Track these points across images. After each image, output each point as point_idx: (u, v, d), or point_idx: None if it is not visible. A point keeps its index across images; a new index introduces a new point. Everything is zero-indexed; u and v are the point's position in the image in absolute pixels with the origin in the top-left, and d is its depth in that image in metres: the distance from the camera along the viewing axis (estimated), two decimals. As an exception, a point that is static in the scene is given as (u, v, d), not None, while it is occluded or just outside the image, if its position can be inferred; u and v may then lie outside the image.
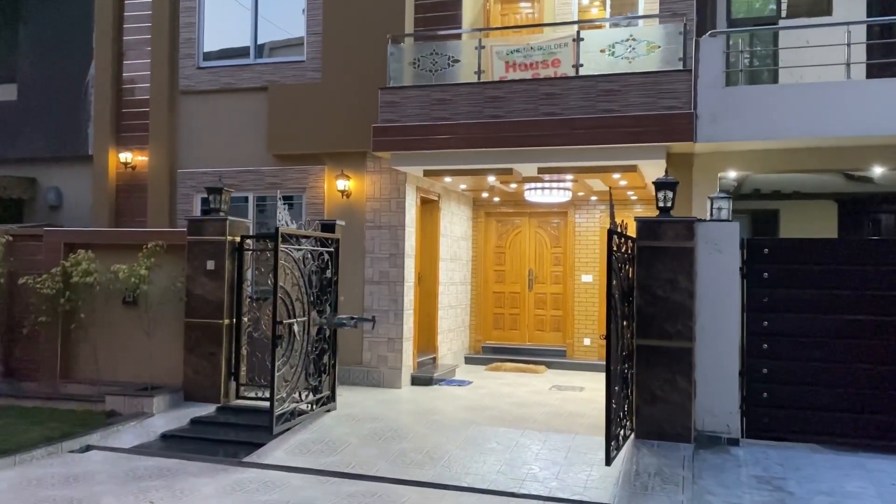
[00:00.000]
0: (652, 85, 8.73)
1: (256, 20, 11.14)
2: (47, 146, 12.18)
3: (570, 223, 12.79)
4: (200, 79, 11.25)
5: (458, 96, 9.45)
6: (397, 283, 10.22)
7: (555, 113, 9.03)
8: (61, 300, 8.80)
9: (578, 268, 12.72)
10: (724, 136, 8.60)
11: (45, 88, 12.19)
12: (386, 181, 10.34)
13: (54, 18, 12.20)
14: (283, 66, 10.83)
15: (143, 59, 11.56)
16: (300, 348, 7.90)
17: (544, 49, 9.59)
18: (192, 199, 11.14)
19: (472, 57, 9.70)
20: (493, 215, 13.32)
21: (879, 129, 8.14)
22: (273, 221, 10.03)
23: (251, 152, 10.89)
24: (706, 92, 8.60)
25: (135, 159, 11.45)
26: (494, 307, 13.23)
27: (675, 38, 8.93)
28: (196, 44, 11.32)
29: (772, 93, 8.67)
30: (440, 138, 9.40)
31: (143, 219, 11.31)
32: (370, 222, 10.36)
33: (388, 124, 9.68)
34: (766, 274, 7.12)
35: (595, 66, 9.18)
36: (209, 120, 11.20)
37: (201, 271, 8.59)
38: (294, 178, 10.65)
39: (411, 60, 9.96)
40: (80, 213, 11.96)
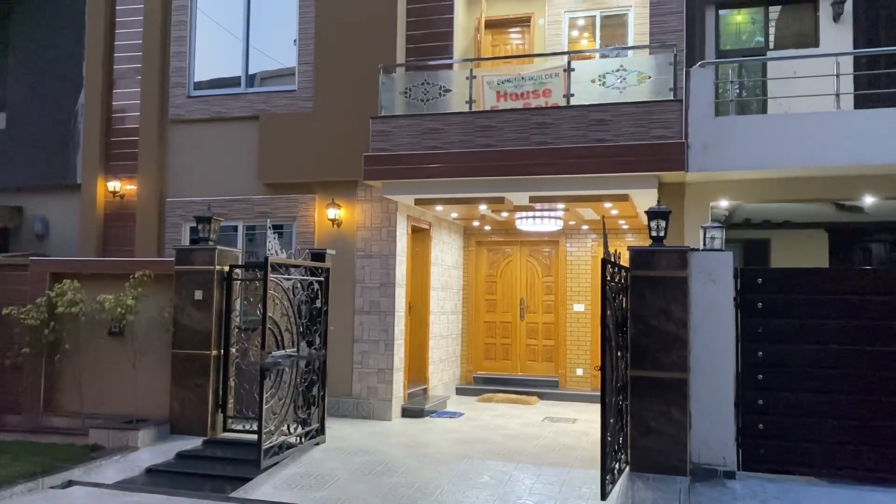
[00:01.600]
0: (643, 114, 8.75)
1: (248, 50, 11.14)
2: (35, 175, 12.07)
3: (561, 252, 12.76)
4: (191, 108, 11.22)
5: (450, 125, 9.45)
6: (388, 312, 10.12)
7: (546, 142, 9.04)
8: (46, 331, 8.64)
9: (570, 297, 12.65)
10: (715, 165, 8.61)
11: (35, 117, 12.13)
12: (377, 210, 10.29)
13: (44, 47, 12.17)
14: (275, 96, 10.82)
15: (133, 88, 11.53)
16: (289, 380, 7.77)
17: (535, 79, 9.63)
18: (180, 229, 11.04)
19: (463, 87, 9.72)
20: (485, 244, 13.27)
21: (868, 158, 8.17)
22: (263, 250, 9.93)
23: (241, 181, 10.82)
24: (697, 122, 8.63)
25: (123, 188, 11.36)
26: (486, 337, 13.12)
27: (666, 68, 8.99)
28: (187, 73, 11.31)
29: (762, 123, 8.71)
30: (431, 167, 9.38)
31: (130, 248, 11.19)
32: (361, 251, 10.29)
33: (379, 153, 9.65)
34: (761, 304, 7.06)
35: (586, 96, 9.22)
36: (199, 149, 11.15)
37: (189, 301, 8.45)
38: (284, 207, 10.58)
39: (403, 90, 9.97)
40: (67, 243, 11.83)
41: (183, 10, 11.35)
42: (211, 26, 11.38)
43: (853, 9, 10.18)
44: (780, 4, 10.74)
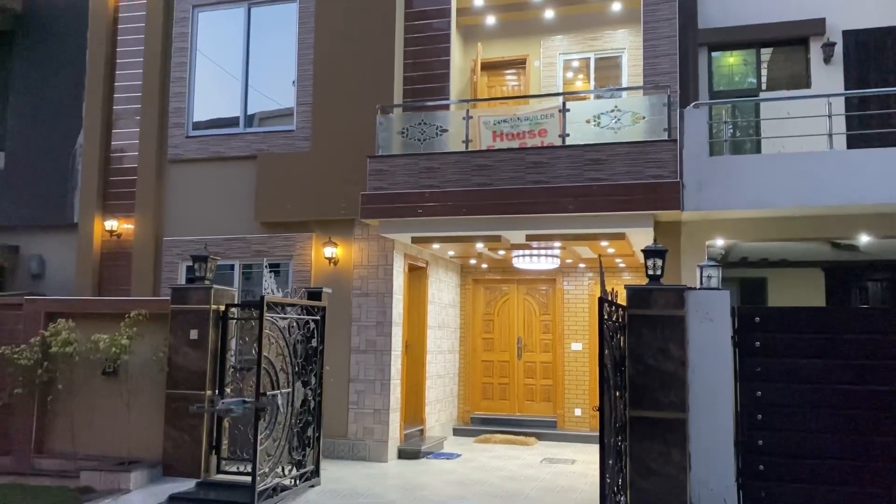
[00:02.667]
0: (638, 154, 8.83)
1: (247, 91, 11.26)
2: (32, 214, 12.09)
3: (558, 290, 12.74)
4: (189, 147, 11.30)
5: (447, 164, 9.51)
6: (384, 351, 10.05)
7: (542, 181, 9.09)
8: (39, 371, 8.56)
9: (568, 336, 12.60)
10: (710, 204, 8.66)
11: (33, 156, 12.18)
12: (374, 248, 10.30)
13: (45, 87, 12.29)
14: (273, 136, 10.90)
15: (132, 128, 11.62)
16: (284, 421, 7.68)
17: (531, 119, 9.73)
18: (177, 268, 11.02)
19: (459, 126, 9.82)
20: (482, 282, 13.26)
21: (862, 198, 8.23)
22: (259, 289, 9.91)
23: (238, 220, 10.84)
24: (691, 161, 8.70)
25: (120, 227, 11.37)
26: (483, 376, 13.03)
27: (660, 109, 9.10)
28: (186, 113, 11.41)
29: (756, 162, 8.78)
30: (428, 206, 9.41)
31: (127, 287, 11.16)
32: (357, 290, 10.26)
33: (376, 192, 9.70)
34: (758, 343, 7.03)
35: (581, 136, 9.30)
36: (197, 188, 11.19)
37: (184, 341, 8.39)
38: (281, 246, 10.58)
39: (400, 130, 10.07)
40: (63, 282, 11.79)
41: (183, 51, 11.50)
42: (210, 67, 11.53)
43: (843, 51, 10.35)
44: (772, 47, 10.91)
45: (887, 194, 8.17)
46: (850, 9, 10.33)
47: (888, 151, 8.30)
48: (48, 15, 12.37)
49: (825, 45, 10.30)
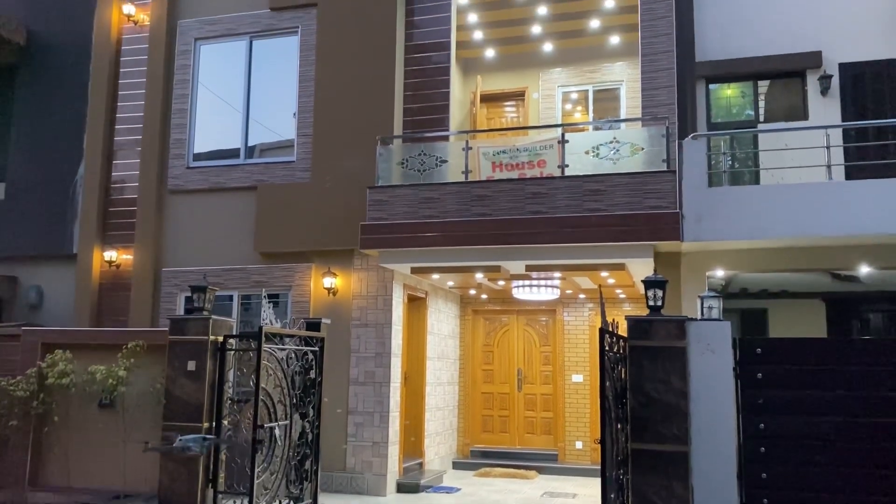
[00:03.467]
0: (637, 185, 8.85)
1: (247, 122, 11.33)
2: (31, 245, 12.07)
3: (558, 321, 12.69)
4: (189, 178, 11.33)
5: (446, 195, 9.53)
6: (383, 383, 9.97)
7: (541, 212, 9.10)
8: (34, 403, 8.48)
9: (568, 367, 12.52)
10: (710, 235, 8.65)
11: (34, 187, 12.20)
12: (373, 279, 10.27)
13: (47, 119, 12.34)
14: (273, 167, 10.94)
15: (132, 159, 11.67)
16: (281, 454, 7.58)
17: (530, 150, 9.77)
18: (175, 298, 10.98)
19: (459, 157, 9.86)
20: (481, 313, 13.21)
21: (861, 229, 8.23)
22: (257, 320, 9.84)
23: (238, 251, 10.84)
24: (691, 192, 8.71)
25: (119, 258, 11.36)
26: (483, 408, 12.92)
27: (658, 140, 9.14)
28: (186, 144, 11.46)
29: (755, 193, 8.80)
30: (428, 236, 9.41)
31: (125, 318, 11.10)
32: (356, 320, 10.22)
33: (376, 222, 9.70)
34: (760, 374, 6.97)
35: (580, 167, 9.34)
36: (196, 219, 11.20)
37: (182, 372, 8.31)
38: (280, 276, 10.56)
39: (400, 160, 10.11)
40: (61, 313, 11.73)
41: (185, 83, 11.59)
42: (212, 99, 11.61)
43: (840, 83, 10.43)
44: (769, 79, 11.01)
45: (886, 225, 8.17)
46: (846, 42, 10.44)
47: (886, 182, 8.33)
48: (51, 47, 12.49)
49: (822, 78, 10.39)
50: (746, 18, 10.85)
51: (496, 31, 12.41)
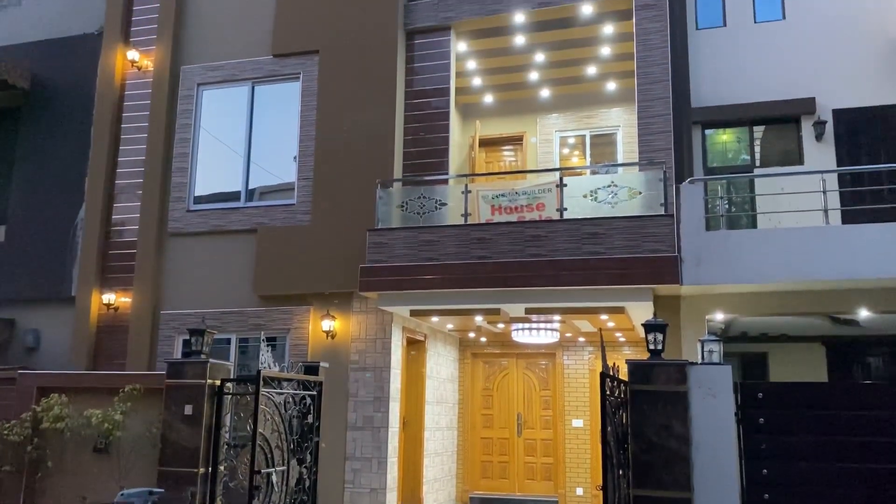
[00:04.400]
0: (636, 228, 8.89)
1: (248, 166, 11.42)
2: (30, 287, 12.05)
3: (558, 365, 12.62)
4: (189, 221, 11.37)
5: (446, 237, 9.56)
6: (381, 428, 9.86)
7: (541, 254, 9.12)
8: (29, 447, 8.37)
9: (569, 412, 12.40)
10: (708, 279, 8.67)
11: (34, 230, 12.23)
12: (372, 321, 10.24)
13: (49, 161, 12.44)
14: (273, 210, 10.99)
15: (133, 202, 11.71)
16: (278, 500, 7.46)
17: (529, 194, 9.84)
18: (173, 342, 10.93)
19: (458, 200, 9.92)
20: (480, 356, 13.14)
21: (859, 273, 8.26)
22: (255, 363, 9.77)
23: (236, 293, 10.82)
24: (689, 236, 8.75)
25: (118, 300, 11.33)
26: (482, 454, 12.76)
27: (656, 184, 9.22)
28: (187, 188, 11.53)
29: (753, 237, 8.85)
30: (427, 278, 9.41)
31: (122, 361, 11.02)
32: (355, 364, 10.15)
33: (375, 265, 9.72)
34: (762, 419, 6.91)
35: (579, 210, 9.40)
36: (196, 261, 11.21)
37: (178, 416, 8.22)
38: (279, 319, 10.52)
39: (399, 203, 10.17)
40: (58, 356, 11.64)
41: (186, 127, 11.71)
42: (213, 143, 11.73)
43: (834, 129, 10.58)
44: (764, 125, 11.16)
45: (884, 269, 8.20)
46: (839, 88, 10.62)
47: (883, 227, 8.38)
48: (55, 92, 12.65)
49: (816, 124, 10.54)
50: (741, 65, 11.06)
51: (494, 78, 12.61)
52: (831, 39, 10.79)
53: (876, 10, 10.68)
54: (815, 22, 10.92)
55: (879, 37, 10.61)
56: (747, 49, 11.11)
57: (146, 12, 12.32)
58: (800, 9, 11.05)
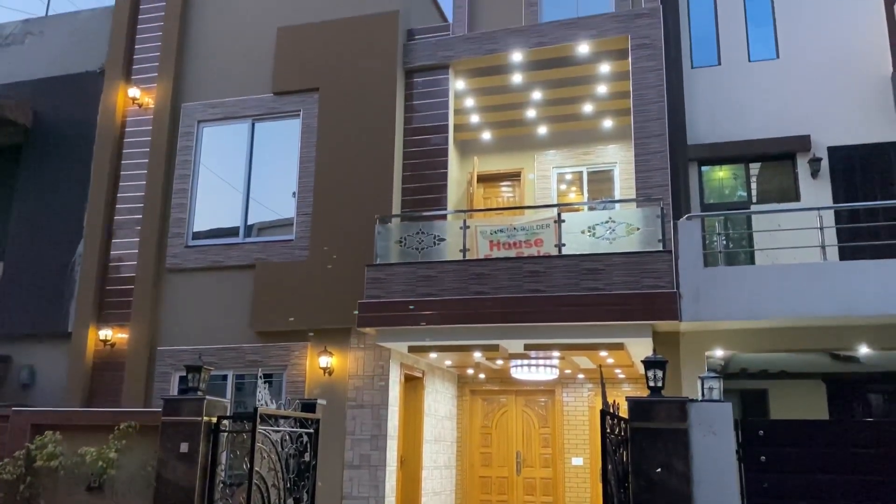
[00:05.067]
0: (634, 265, 8.90)
1: (247, 202, 11.45)
2: (26, 323, 11.98)
3: (557, 402, 12.52)
4: (188, 257, 11.37)
5: (444, 273, 9.56)
6: (379, 467, 9.74)
7: (539, 290, 9.12)
8: (21, 486, 8.24)
9: (568, 450, 12.27)
10: (707, 315, 8.65)
11: (32, 266, 12.20)
12: (370, 358, 10.18)
13: (49, 197, 12.46)
14: (272, 245, 11.00)
15: (132, 238, 11.72)
16: (274, 540, 7.33)
17: (527, 229, 9.87)
18: (169, 378, 10.85)
19: (457, 236, 9.94)
20: (479, 393, 13.04)
21: (858, 309, 8.25)
22: (252, 400, 9.70)
23: (234, 329, 10.77)
24: (687, 272, 8.76)
25: (115, 336, 11.27)
26: (481, 493, 12.58)
27: (653, 220, 9.26)
28: (186, 223, 11.54)
29: (751, 274, 8.85)
30: (426, 314, 9.39)
31: (118, 398, 10.92)
32: (352, 401, 10.07)
33: (373, 300, 9.69)
34: (764, 457, 6.85)
35: (577, 246, 9.41)
36: (193, 297, 11.18)
37: (174, 454, 8.11)
38: (276, 355, 10.47)
39: (398, 239, 10.19)
40: (53, 393, 11.54)
41: (186, 164, 11.77)
42: (212, 179, 11.78)
43: (829, 166, 10.67)
44: (760, 162, 11.26)
45: (882, 306, 8.19)
46: (834, 126, 10.74)
47: (881, 263, 8.40)
48: (55, 128, 12.73)
49: (811, 161, 10.63)
50: (736, 103, 11.20)
51: (492, 115, 12.73)
52: (825, 77, 10.95)
53: (868, 49, 10.85)
54: (808, 60, 11.09)
55: (872, 75, 10.77)
56: (742, 87, 11.25)
57: (148, 50, 12.48)
58: (793, 48, 11.22)
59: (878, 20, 10.91)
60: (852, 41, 10.97)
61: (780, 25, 11.37)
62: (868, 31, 10.93)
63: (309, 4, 11.76)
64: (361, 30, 11.27)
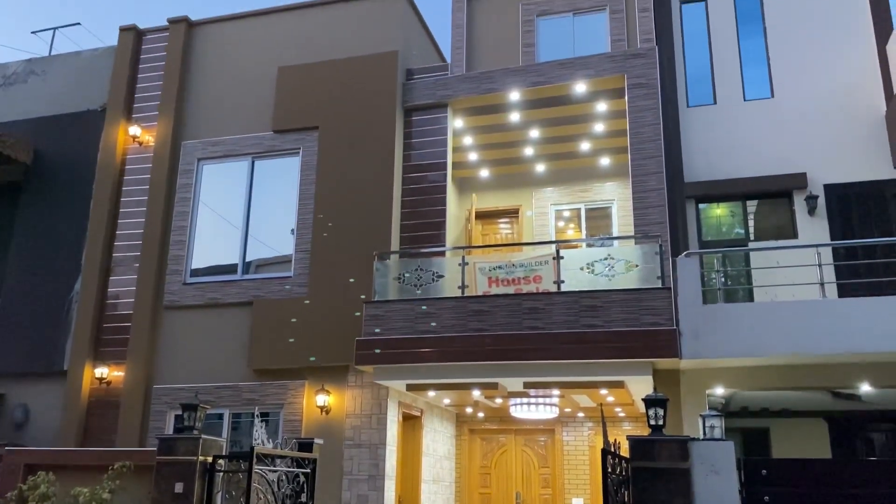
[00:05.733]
0: (633, 301, 8.88)
1: (246, 239, 11.46)
2: (21, 361, 11.88)
3: (557, 441, 12.38)
4: (185, 294, 11.33)
5: (443, 310, 9.53)
6: (377, 507, 9.59)
7: (538, 327, 9.08)
8: (11, 529, 8.09)
9: (569, 490, 12.10)
10: (708, 352, 8.61)
11: (28, 303, 12.15)
12: (367, 396, 10.08)
13: (47, 234, 12.46)
14: (270, 282, 10.97)
15: (129, 275, 11.70)
16: (269, 584, 7.18)
17: (526, 266, 9.87)
18: (165, 417, 10.73)
19: (455, 272, 9.93)
20: (478, 432, 12.89)
21: (858, 346, 8.22)
22: (248, 440, 9.58)
23: (231, 367, 10.69)
24: (686, 309, 8.74)
25: (110, 374, 11.18)
26: (480, 534, 12.37)
27: (652, 257, 9.26)
28: (184, 260, 11.53)
29: (750, 311, 8.83)
30: (424, 351, 9.33)
31: (112, 437, 10.80)
32: (349, 440, 9.94)
33: (372, 337, 9.64)
34: (767, 497, 6.75)
35: (576, 283, 9.40)
36: (190, 335, 11.11)
37: (168, 495, 7.98)
38: (273, 394, 10.37)
39: (396, 275, 10.17)
40: (48, 431, 11.39)
41: (185, 201, 11.81)
42: (211, 216, 11.81)
43: (826, 203, 10.72)
44: (757, 199, 11.31)
45: (883, 343, 8.16)
46: (830, 164, 10.81)
47: (880, 300, 8.39)
48: (55, 166, 12.78)
49: (808, 198, 10.68)
50: (732, 141, 11.29)
51: (490, 153, 12.83)
52: (820, 116, 11.06)
53: (862, 87, 10.99)
54: (803, 99, 11.22)
55: (866, 113, 10.88)
56: (738, 126, 11.36)
57: (149, 89, 12.61)
58: (787, 87, 11.36)
59: (870, 59, 11.07)
60: (846, 80, 11.11)
61: (775, 65, 11.52)
62: (861, 69, 11.09)
63: (310, 45, 11.92)
64: (361, 69, 11.41)
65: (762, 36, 11.78)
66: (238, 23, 12.59)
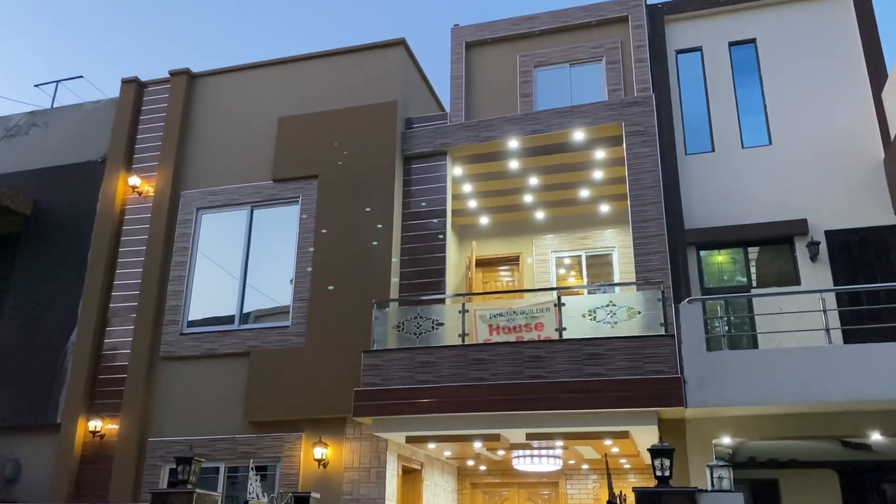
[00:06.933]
0: (637, 349, 8.75)
1: (244, 289, 11.36)
2: (14, 413, 11.66)
3: (561, 494, 12.07)
4: (182, 345, 11.18)
5: (443, 359, 9.38)
6: (376, 564, 9.28)
7: (541, 376, 8.92)
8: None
9: (573, 545, 11.75)
10: (713, 401, 8.44)
11: (23, 356, 11.97)
12: (366, 448, 9.85)
13: (44, 285, 12.36)
14: (267, 332, 10.84)
15: (126, 326, 11.57)
16: None
17: (527, 313, 9.76)
18: (159, 471, 10.48)
19: (456, 320, 9.81)
20: (480, 486, 12.59)
21: (867, 393, 8.06)
22: (244, 494, 9.34)
23: (227, 419, 10.48)
24: (691, 357, 8.60)
25: (104, 427, 10.96)
26: (482, 592, 11.97)
27: (654, 304, 9.16)
28: (182, 311, 11.42)
29: (755, 358, 8.69)
30: (424, 402, 9.14)
31: (105, 492, 10.52)
32: (347, 495, 9.68)
33: (370, 388, 9.47)
34: (781, 552, 6.52)
35: (578, 330, 9.28)
36: (187, 386, 10.93)
37: (159, 552, 7.74)
38: (269, 447, 10.13)
39: (396, 324, 10.05)
40: (39, 486, 11.11)
41: (184, 251, 11.76)
42: (209, 266, 11.73)
43: (828, 249, 10.66)
44: (758, 245, 11.25)
45: (891, 390, 8.00)
46: (830, 210, 10.81)
47: (887, 346, 8.25)
48: (55, 217, 12.77)
49: (810, 244, 10.64)
50: (731, 188, 11.31)
51: (490, 200, 12.84)
52: (818, 162, 11.10)
53: (860, 134, 11.05)
54: (801, 146, 11.27)
55: (864, 159, 10.92)
56: (737, 173, 11.39)
57: (150, 140, 12.69)
58: (785, 134, 11.43)
59: (866, 106, 11.16)
60: (843, 126, 11.17)
61: (772, 113, 11.61)
62: (857, 116, 11.16)
63: (310, 95, 12.03)
64: (361, 119, 11.50)
65: (758, 84, 11.90)
66: (239, 74, 12.73)
